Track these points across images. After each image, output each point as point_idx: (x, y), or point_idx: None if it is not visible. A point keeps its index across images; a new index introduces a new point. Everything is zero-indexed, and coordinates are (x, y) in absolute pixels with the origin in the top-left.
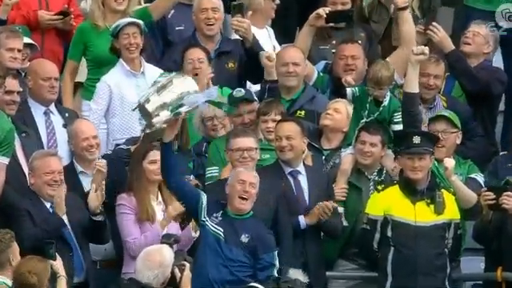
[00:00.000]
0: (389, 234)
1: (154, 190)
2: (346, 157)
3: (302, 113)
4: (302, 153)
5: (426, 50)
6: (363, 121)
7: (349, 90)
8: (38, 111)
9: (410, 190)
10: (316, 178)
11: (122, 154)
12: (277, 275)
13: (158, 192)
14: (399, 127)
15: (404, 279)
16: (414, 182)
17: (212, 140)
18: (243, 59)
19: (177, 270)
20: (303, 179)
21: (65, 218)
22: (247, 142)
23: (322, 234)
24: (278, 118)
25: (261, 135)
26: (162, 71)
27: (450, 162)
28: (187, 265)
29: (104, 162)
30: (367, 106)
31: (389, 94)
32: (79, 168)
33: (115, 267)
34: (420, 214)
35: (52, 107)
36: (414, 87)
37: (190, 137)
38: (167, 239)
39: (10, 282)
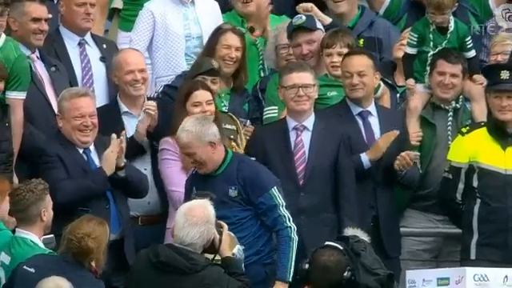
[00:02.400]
0: (474, 184)
1: None
2: (416, 92)
3: (361, 41)
4: (373, 90)
5: None
6: (431, 54)
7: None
8: (71, 42)
9: (500, 133)
10: (389, 120)
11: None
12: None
13: None
14: (472, 53)
15: (492, 236)
16: (504, 124)
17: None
18: None
19: (215, 231)
20: (374, 121)
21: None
22: (303, 77)
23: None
24: (344, 50)
25: (325, 70)
26: (215, 3)
27: None
28: (225, 226)
29: (153, 103)
30: (430, 37)
31: (452, 18)
32: (123, 107)
33: (159, 223)
34: (511, 161)
35: (88, 37)
36: None
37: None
38: (201, 197)
39: (36, 240)
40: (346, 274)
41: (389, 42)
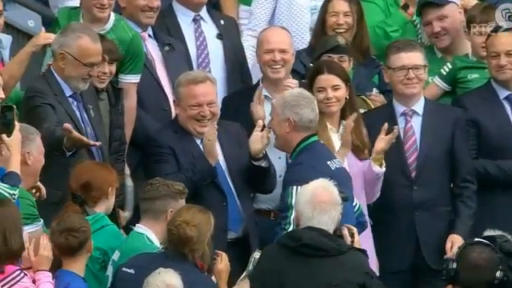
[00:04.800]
0: None
1: (333, 121)
2: None
3: None
4: None
5: None
6: None
7: None
8: (184, 18)
9: None
10: None
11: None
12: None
13: (341, 122)
14: None
15: None
16: None
17: None
18: None
19: (346, 232)
20: None
21: (221, 158)
22: (413, 57)
23: None
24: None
25: (465, 50)
26: None
27: None
28: (355, 229)
29: (296, 82)
30: None
31: None
32: (264, 91)
33: None
34: None
35: (203, 13)
36: None
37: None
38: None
39: (154, 238)
40: (498, 274)
41: None
